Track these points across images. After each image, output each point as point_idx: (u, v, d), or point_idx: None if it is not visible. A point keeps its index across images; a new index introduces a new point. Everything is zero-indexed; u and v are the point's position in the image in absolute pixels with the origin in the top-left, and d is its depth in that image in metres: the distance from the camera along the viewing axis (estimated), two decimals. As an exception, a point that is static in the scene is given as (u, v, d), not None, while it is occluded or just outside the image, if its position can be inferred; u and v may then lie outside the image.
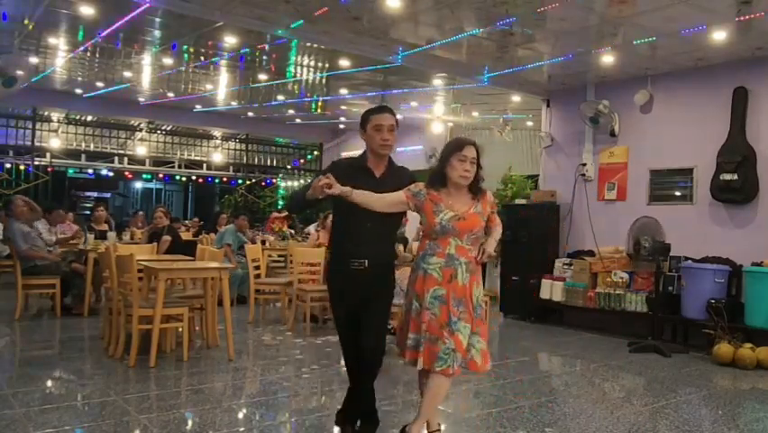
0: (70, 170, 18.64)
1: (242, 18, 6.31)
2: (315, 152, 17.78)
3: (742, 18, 5.59)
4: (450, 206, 3.14)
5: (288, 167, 18.83)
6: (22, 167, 15.16)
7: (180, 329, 5.58)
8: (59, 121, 15.69)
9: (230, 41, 7.67)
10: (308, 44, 7.59)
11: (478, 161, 3.18)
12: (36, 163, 14.95)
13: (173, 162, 17.84)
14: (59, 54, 8.90)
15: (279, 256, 9.57)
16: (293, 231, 11.52)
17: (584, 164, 8.19)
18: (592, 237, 7.78)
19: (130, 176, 20.44)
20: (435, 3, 5.74)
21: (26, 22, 7.19)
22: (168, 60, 8.97)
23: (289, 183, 19.10)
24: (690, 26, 5.89)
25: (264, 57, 8.53)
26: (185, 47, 8.17)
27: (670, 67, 7.28)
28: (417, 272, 3.18)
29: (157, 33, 7.66)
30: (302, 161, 18.70)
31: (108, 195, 24.43)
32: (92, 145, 16.51)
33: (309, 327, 6.82)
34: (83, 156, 16.57)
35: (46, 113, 15.08)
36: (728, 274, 6.59)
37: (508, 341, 7.18)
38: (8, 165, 15.09)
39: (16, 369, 5.12)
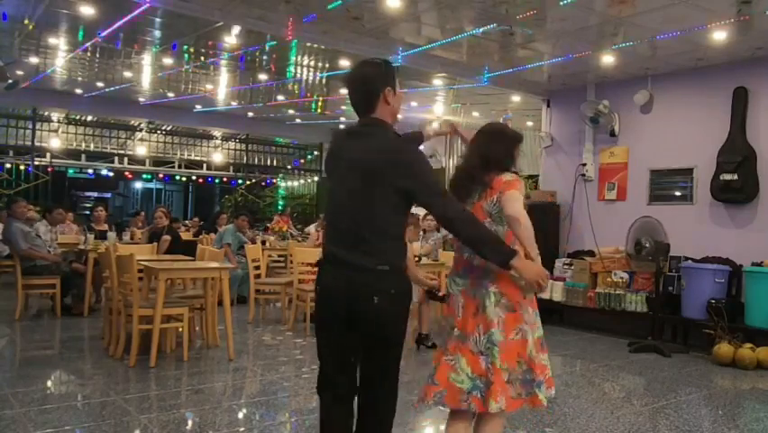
0: (70, 170, 18.66)
1: (242, 18, 6.31)
2: (316, 152, 17.79)
3: (742, 18, 5.59)
4: None
5: (288, 167, 18.84)
6: (22, 167, 15.18)
7: (180, 329, 5.58)
8: (59, 121, 15.70)
9: (230, 41, 7.67)
10: (308, 44, 7.59)
11: None
12: (36, 163, 14.96)
13: (173, 162, 17.85)
14: (59, 54, 8.90)
15: (279, 256, 9.57)
16: (292, 232, 11.53)
17: (584, 164, 8.19)
18: (592, 237, 7.78)
19: (130, 176, 20.48)
20: (435, 3, 5.75)
21: (26, 22, 7.20)
22: (168, 60, 8.98)
23: (289, 183, 19.12)
24: (690, 26, 5.89)
25: (264, 57, 8.54)
26: (185, 47, 8.18)
27: (670, 67, 7.27)
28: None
29: (157, 33, 7.66)
30: (302, 161, 18.71)
31: (108, 195, 24.45)
32: (92, 145, 16.52)
33: (309, 327, 6.82)
34: (83, 156, 16.58)
35: (46, 113, 15.09)
36: (728, 274, 6.58)
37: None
38: (8, 165, 15.10)
39: (16, 369, 5.12)
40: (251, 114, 13.85)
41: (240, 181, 18.66)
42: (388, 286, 2.38)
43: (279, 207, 17.89)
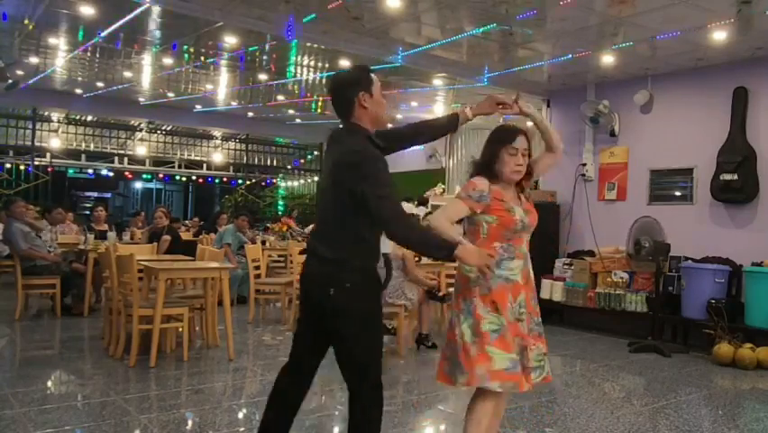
0: (70, 170, 18.66)
1: (241, 18, 6.31)
2: (315, 152, 17.81)
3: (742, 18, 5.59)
4: (512, 200, 2.78)
5: (288, 167, 18.84)
6: (22, 167, 15.18)
7: (180, 329, 5.58)
8: (59, 121, 15.69)
9: (230, 41, 7.67)
10: (308, 44, 7.59)
11: (529, 152, 2.81)
12: (36, 163, 14.96)
13: (173, 162, 17.85)
14: (59, 54, 8.90)
15: (279, 256, 9.57)
16: (292, 232, 11.53)
17: (584, 164, 8.19)
18: (592, 237, 7.78)
19: (130, 176, 20.48)
20: (435, 3, 5.75)
21: (26, 22, 7.20)
22: (168, 60, 8.98)
23: (289, 183, 19.11)
24: (690, 26, 5.89)
25: (264, 57, 8.54)
26: (185, 47, 8.18)
27: (670, 67, 7.27)
28: (495, 280, 2.67)
29: (157, 33, 7.66)
30: (302, 161, 18.71)
31: (108, 195, 24.45)
32: (92, 145, 16.52)
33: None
34: (83, 156, 16.58)
35: (46, 113, 15.09)
36: (728, 274, 6.58)
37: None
38: (8, 165, 15.11)
39: (16, 369, 5.12)
40: (251, 114, 13.85)
41: (240, 181, 18.66)
42: (344, 280, 2.51)
43: (280, 208, 17.89)
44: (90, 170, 18.43)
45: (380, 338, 2.71)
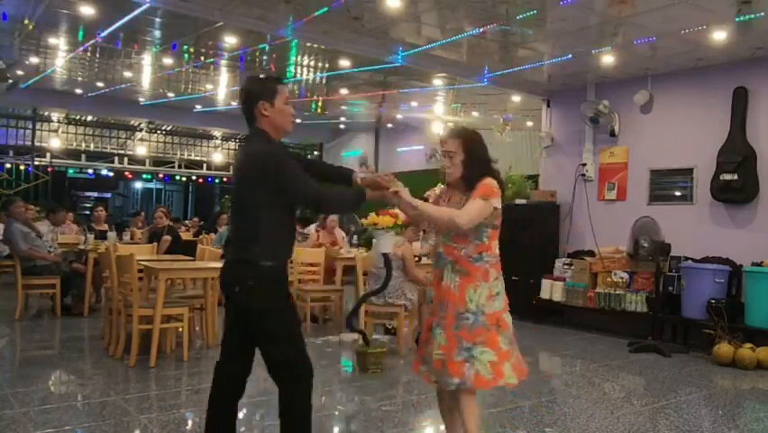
0: (70, 170, 18.66)
1: (241, 18, 6.31)
2: (316, 152, 17.78)
3: (742, 18, 5.59)
4: (449, 202, 2.96)
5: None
6: (22, 167, 15.18)
7: (180, 329, 5.58)
8: (59, 121, 15.70)
9: (230, 41, 7.67)
10: (308, 44, 7.59)
11: (468, 152, 2.83)
12: (36, 163, 14.96)
13: (173, 162, 17.85)
14: (59, 54, 8.90)
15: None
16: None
17: (584, 164, 8.19)
18: (592, 237, 7.78)
19: (130, 176, 20.46)
20: (435, 3, 5.75)
21: (26, 22, 7.19)
22: (168, 60, 8.97)
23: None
24: (690, 26, 5.89)
25: (264, 57, 8.53)
26: (185, 47, 8.17)
27: (670, 67, 7.27)
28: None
29: (157, 33, 7.66)
30: (302, 161, 18.67)
31: (108, 195, 24.43)
32: (92, 145, 16.53)
33: (309, 327, 6.82)
34: (83, 156, 16.60)
35: (46, 113, 15.10)
36: (728, 274, 6.58)
37: (508, 341, 7.17)
38: (8, 165, 15.11)
39: (16, 369, 5.12)
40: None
41: (240, 181, 18.65)
42: (247, 278, 2.63)
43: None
44: (90, 170, 18.44)
45: (296, 335, 2.74)
